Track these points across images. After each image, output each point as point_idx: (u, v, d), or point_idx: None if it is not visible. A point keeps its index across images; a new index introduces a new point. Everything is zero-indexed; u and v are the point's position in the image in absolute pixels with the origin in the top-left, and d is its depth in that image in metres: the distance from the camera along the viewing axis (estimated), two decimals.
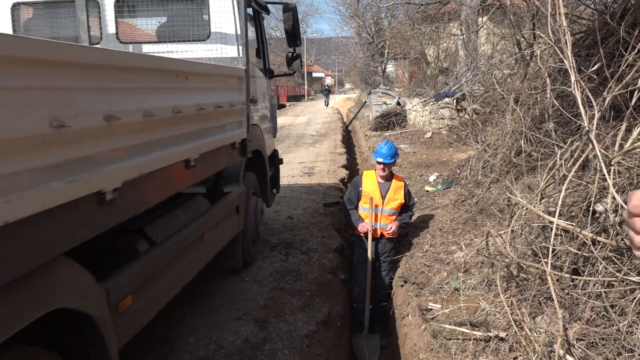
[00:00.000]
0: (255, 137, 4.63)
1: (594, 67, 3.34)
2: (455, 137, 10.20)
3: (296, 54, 5.50)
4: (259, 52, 5.27)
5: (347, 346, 4.40)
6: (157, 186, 2.56)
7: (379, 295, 4.73)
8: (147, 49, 4.47)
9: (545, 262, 2.58)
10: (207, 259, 3.55)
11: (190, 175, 3.00)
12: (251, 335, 3.51)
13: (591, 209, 2.74)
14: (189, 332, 3.51)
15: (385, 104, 16.41)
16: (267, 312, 3.85)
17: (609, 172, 2.52)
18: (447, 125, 11.30)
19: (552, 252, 2.63)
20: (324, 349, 3.62)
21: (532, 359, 2.46)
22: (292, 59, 5.51)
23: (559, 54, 3.21)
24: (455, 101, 11.19)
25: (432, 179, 7.56)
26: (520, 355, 2.59)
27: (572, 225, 2.76)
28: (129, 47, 4.47)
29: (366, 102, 21.18)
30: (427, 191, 6.79)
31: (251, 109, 4.26)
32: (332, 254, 5.20)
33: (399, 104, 15.58)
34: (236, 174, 4.23)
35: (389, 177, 4.70)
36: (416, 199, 5.70)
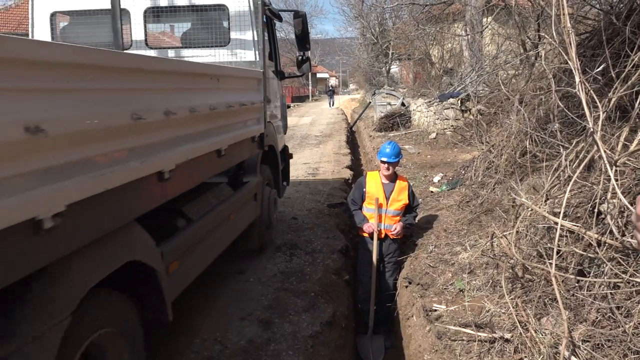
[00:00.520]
0: (270, 133, 5.06)
1: (599, 68, 3.33)
2: (459, 137, 10.17)
3: (306, 57, 5.81)
4: (271, 55, 5.55)
5: (351, 347, 4.40)
6: (197, 170, 3.06)
7: (383, 296, 4.72)
8: (172, 54, 4.93)
9: (550, 263, 2.56)
10: (232, 238, 4.03)
11: (220, 163, 3.49)
12: (255, 335, 3.52)
13: (596, 210, 2.73)
14: (195, 332, 3.52)
15: (389, 104, 16.35)
16: (272, 312, 3.86)
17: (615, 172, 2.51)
18: (452, 125, 11.26)
19: (557, 253, 2.62)
20: (328, 350, 3.62)
21: None
22: (302, 62, 5.84)
23: (564, 55, 3.20)
24: (459, 102, 11.16)
25: (436, 179, 7.54)
26: (525, 356, 2.58)
27: (578, 226, 2.75)
28: (156, 52, 4.89)
29: (370, 102, 21.12)
30: (432, 192, 6.78)
31: (266, 107, 4.67)
32: (336, 255, 5.20)
33: (403, 104, 15.55)
34: (254, 165, 4.67)
35: (393, 178, 4.69)
36: (420, 200, 5.70)
